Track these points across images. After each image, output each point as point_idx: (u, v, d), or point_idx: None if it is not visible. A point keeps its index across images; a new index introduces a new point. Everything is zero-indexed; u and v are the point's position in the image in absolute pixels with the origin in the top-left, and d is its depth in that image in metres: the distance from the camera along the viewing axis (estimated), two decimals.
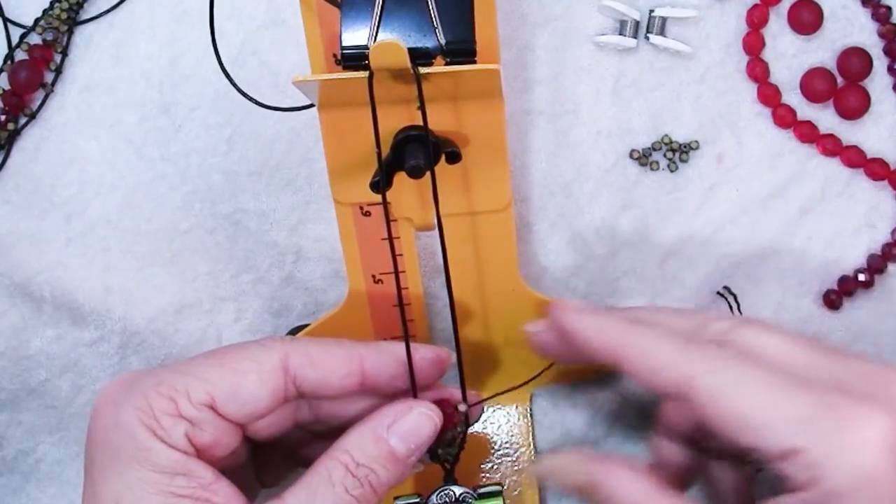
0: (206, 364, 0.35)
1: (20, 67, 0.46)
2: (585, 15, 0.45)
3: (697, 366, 0.33)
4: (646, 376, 0.35)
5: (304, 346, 0.36)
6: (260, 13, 0.45)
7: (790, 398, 0.32)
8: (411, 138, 0.36)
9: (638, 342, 0.35)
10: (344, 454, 0.36)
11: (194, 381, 0.34)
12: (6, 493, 0.49)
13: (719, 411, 0.33)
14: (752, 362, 0.33)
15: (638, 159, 0.46)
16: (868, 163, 0.46)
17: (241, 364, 0.34)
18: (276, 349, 0.35)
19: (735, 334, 0.35)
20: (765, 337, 0.35)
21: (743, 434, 0.32)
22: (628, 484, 0.35)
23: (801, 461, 0.31)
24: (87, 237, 0.46)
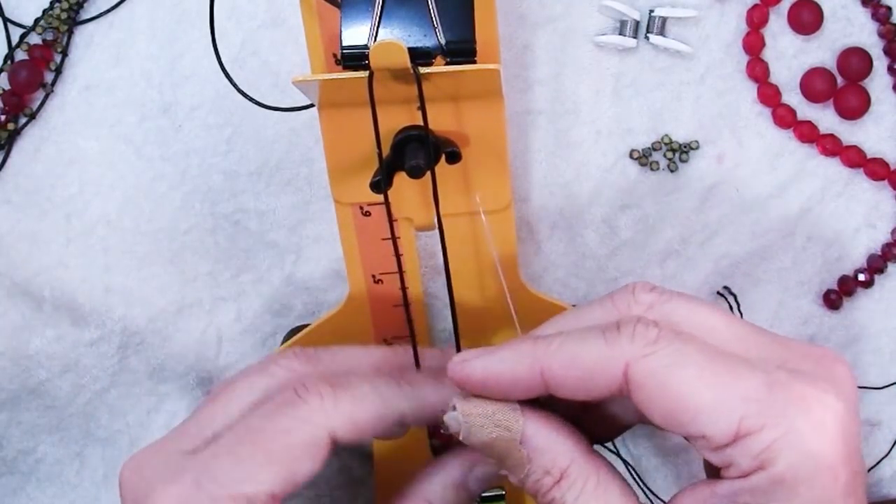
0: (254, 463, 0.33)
1: (20, 67, 0.46)
2: (585, 15, 0.45)
3: (627, 353, 0.30)
4: (577, 386, 0.31)
5: (348, 410, 0.34)
6: (260, 13, 0.45)
7: (737, 377, 0.29)
8: (411, 138, 0.36)
9: (555, 354, 0.31)
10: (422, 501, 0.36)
11: (252, 487, 0.32)
12: (6, 493, 0.49)
13: (659, 397, 0.30)
14: (688, 341, 0.30)
15: (638, 159, 0.46)
16: (868, 163, 0.46)
17: (291, 452, 0.33)
18: (322, 426, 0.33)
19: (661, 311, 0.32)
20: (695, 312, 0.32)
21: (686, 420, 0.29)
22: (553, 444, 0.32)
23: (748, 445, 0.29)
24: (87, 237, 0.46)
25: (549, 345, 0.32)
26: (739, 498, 0.30)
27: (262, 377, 0.36)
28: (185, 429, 0.36)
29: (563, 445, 0.32)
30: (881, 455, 0.47)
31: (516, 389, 0.32)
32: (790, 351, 0.31)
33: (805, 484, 0.29)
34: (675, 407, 0.30)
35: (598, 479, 0.32)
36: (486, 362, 0.32)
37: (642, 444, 0.48)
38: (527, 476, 0.32)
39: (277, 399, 0.34)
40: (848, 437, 0.29)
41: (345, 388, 0.34)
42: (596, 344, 0.31)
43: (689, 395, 0.29)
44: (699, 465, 0.44)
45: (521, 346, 0.32)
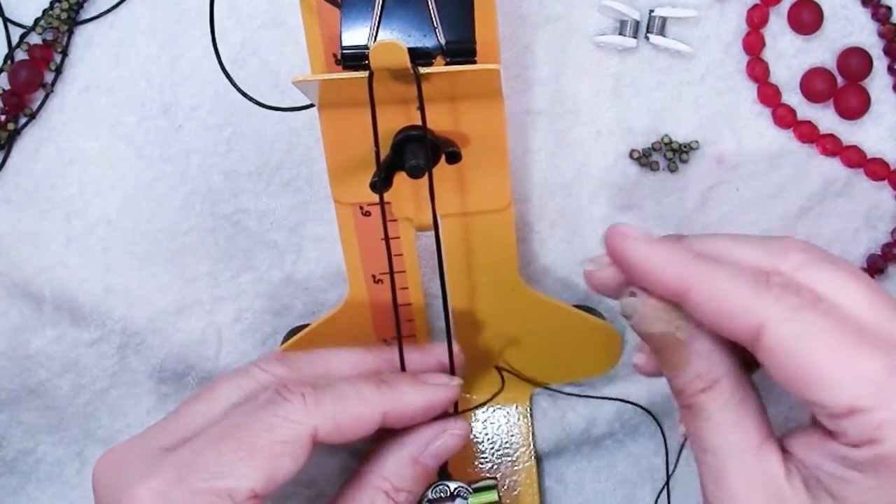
0: (236, 458, 0.33)
1: (20, 67, 0.46)
2: (585, 15, 0.45)
3: (769, 313, 0.31)
4: (713, 319, 0.33)
5: (330, 411, 0.35)
6: (260, 13, 0.45)
7: (862, 356, 0.31)
8: (411, 138, 0.36)
9: (706, 281, 0.32)
10: (384, 482, 0.37)
11: (234, 482, 0.33)
12: (6, 493, 0.49)
13: (787, 362, 0.31)
14: (826, 313, 0.31)
15: (638, 159, 0.46)
16: (868, 163, 0.46)
17: (273, 449, 0.34)
18: (304, 425, 0.34)
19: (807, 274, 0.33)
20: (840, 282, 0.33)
21: (808, 387, 0.31)
22: None
23: (862, 420, 0.30)
24: (87, 237, 0.46)
25: (703, 267, 0.33)
26: (846, 462, 0.31)
27: (245, 379, 0.37)
28: (164, 426, 0.36)
29: (723, 358, 0.34)
30: None
31: (656, 287, 0.34)
32: None
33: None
34: (799, 375, 0.31)
35: (743, 396, 0.34)
36: (648, 248, 0.34)
37: None
38: (679, 375, 0.34)
39: (260, 399, 0.35)
40: None
41: (326, 389, 0.35)
42: (744, 290, 0.32)
43: (814, 367, 0.31)
44: None
45: (680, 254, 0.33)
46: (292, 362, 0.38)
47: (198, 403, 0.37)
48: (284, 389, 0.35)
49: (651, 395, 0.47)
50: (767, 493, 0.33)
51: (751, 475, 0.33)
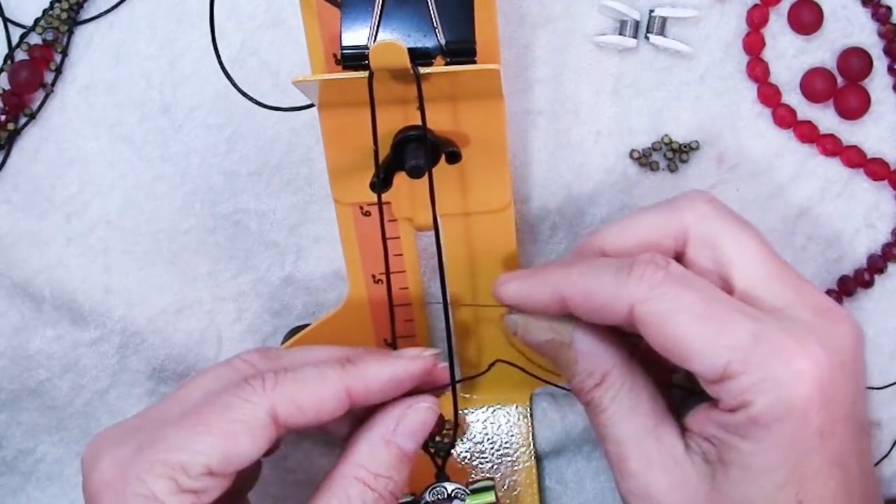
0: (193, 433, 0.34)
1: (20, 67, 0.46)
2: (585, 15, 0.45)
3: (634, 295, 0.33)
4: (594, 314, 0.35)
5: (289, 391, 0.35)
6: (260, 13, 0.45)
7: (727, 325, 0.32)
8: (411, 138, 0.36)
9: (575, 284, 0.35)
10: (359, 469, 0.36)
11: (188, 456, 0.33)
12: (6, 493, 0.49)
13: (659, 337, 0.33)
14: (689, 286, 0.33)
15: (638, 159, 0.46)
16: (868, 163, 0.46)
17: (230, 427, 0.34)
18: (261, 405, 0.34)
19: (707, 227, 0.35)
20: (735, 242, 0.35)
21: (681, 358, 0.33)
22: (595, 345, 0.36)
23: (732, 386, 0.32)
24: (87, 237, 0.46)
25: (569, 275, 0.35)
26: (727, 428, 0.33)
27: (225, 369, 0.37)
28: (146, 412, 0.37)
29: (607, 352, 0.36)
30: (881, 455, 0.47)
31: (544, 307, 0.36)
32: (801, 297, 0.34)
33: (777, 423, 0.32)
34: (670, 347, 0.33)
35: (633, 384, 0.36)
36: (517, 287, 0.37)
37: None
38: (573, 375, 0.37)
39: (228, 384, 0.36)
40: (827, 386, 0.32)
41: (286, 371, 0.36)
42: (608, 282, 0.34)
43: (682, 339, 0.33)
44: None
45: (547, 272, 0.36)
46: (273, 355, 0.38)
47: (179, 391, 0.37)
48: (250, 377, 0.36)
49: None
50: (668, 472, 0.34)
51: (651, 458, 0.35)
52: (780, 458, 0.32)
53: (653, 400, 0.36)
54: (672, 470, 0.34)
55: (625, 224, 0.37)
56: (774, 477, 0.32)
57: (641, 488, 0.35)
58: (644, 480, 0.35)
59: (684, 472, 0.34)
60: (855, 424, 0.33)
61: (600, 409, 0.36)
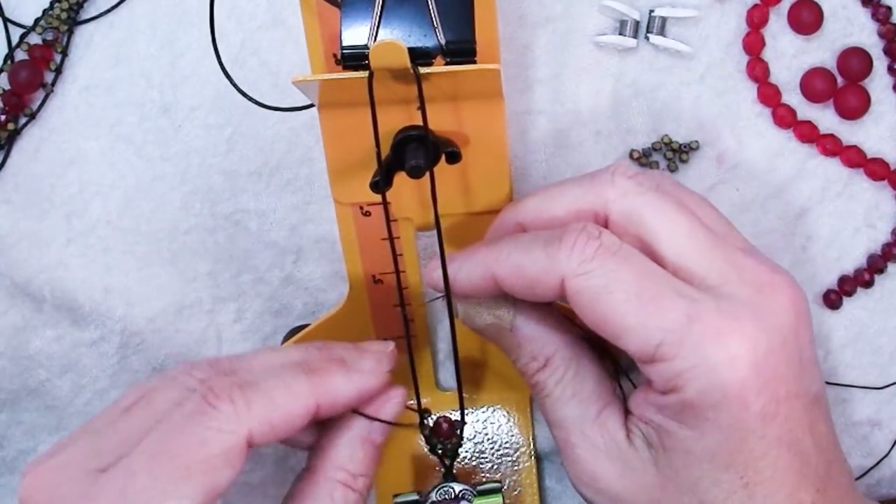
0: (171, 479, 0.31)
1: (20, 67, 0.46)
2: (585, 15, 0.45)
3: (564, 269, 0.32)
4: (525, 291, 0.34)
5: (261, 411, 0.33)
6: (260, 13, 0.45)
7: (659, 306, 0.31)
8: (411, 138, 0.36)
9: (503, 260, 0.34)
10: (339, 471, 0.35)
11: None
12: (6, 493, 0.49)
13: (589, 313, 0.32)
14: (622, 261, 0.32)
15: (638, 159, 0.46)
16: (868, 163, 0.46)
17: (209, 463, 0.32)
18: (237, 433, 0.33)
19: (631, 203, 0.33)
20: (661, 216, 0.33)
21: (613, 335, 0.32)
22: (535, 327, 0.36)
23: (664, 369, 0.31)
24: (87, 237, 0.46)
25: (498, 253, 0.34)
26: (663, 412, 0.32)
27: (173, 389, 0.35)
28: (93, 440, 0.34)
29: (550, 336, 0.36)
30: (881, 455, 0.47)
31: (478, 290, 0.35)
32: (738, 272, 0.32)
33: (712, 409, 0.31)
34: (602, 324, 0.32)
35: (578, 369, 0.35)
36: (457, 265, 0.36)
37: None
38: (517, 359, 0.36)
39: (187, 407, 0.33)
40: (765, 367, 0.31)
41: (253, 388, 0.34)
42: (537, 257, 0.33)
43: (614, 317, 0.32)
44: None
45: (476, 254, 0.35)
46: (224, 367, 0.36)
47: (127, 415, 0.34)
48: (211, 395, 0.33)
49: None
50: (611, 458, 0.34)
51: (593, 443, 0.34)
52: (720, 443, 0.31)
53: (598, 383, 0.35)
54: (617, 456, 0.34)
55: (542, 197, 0.36)
56: (717, 461, 0.31)
57: (589, 475, 0.34)
58: (591, 467, 0.34)
59: (629, 458, 0.33)
60: (804, 398, 0.32)
61: (545, 393, 0.36)
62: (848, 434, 0.47)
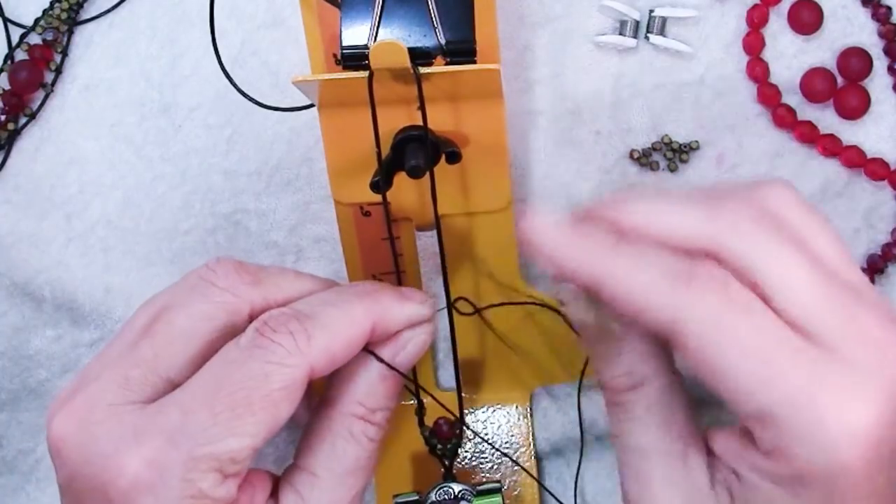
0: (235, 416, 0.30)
1: (20, 67, 0.46)
2: (585, 15, 0.45)
3: (684, 308, 0.29)
4: (628, 311, 0.31)
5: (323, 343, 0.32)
6: (260, 13, 0.45)
7: (777, 368, 0.29)
8: (411, 138, 0.36)
9: (619, 271, 0.30)
10: (358, 406, 0.34)
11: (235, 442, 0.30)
12: (6, 493, 0.49)
13: (701, 364, 0.29)
14: (747, 312, 0.29)
15: (638, 159, 0.46)
16: (868, 163, 0.46)
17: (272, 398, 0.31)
18: (301, 367, 0.31)
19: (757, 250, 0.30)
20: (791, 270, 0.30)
21: (721, 387, 0.29)
22: None
23: (774, 433, 0.29)
24: (87, 237, 0.46)
25: (616, 258, 0.31)
26: (760, 472, 0.30)
27: (205, 304, 0.33)
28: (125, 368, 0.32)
29: (653, 355, 0.33)
30: None
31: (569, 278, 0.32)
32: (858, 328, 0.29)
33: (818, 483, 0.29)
34: (711, 377, 0.30)
35: (671, 399, 0.33)
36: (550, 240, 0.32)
37: None
38: (609, 371, 0.33)
39: (244, 342, 0.32)
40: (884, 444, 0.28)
41: (313, 320, 0.32)
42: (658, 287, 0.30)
43: (728, 374, 0.29)
44: None
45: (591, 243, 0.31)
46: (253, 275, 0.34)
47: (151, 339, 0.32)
48: (269, 330, 0.32)
49: None
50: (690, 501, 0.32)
51: (674, 481, 0.32)
52: None
53: (687, 420, 0.33)
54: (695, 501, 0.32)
55: (652, 208, 0.32)
56: None
57: None
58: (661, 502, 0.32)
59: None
60: None
61: (630, 414, 0.33)
62: None
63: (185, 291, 0.34)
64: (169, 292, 0.34)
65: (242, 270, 0.34)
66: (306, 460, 0.34)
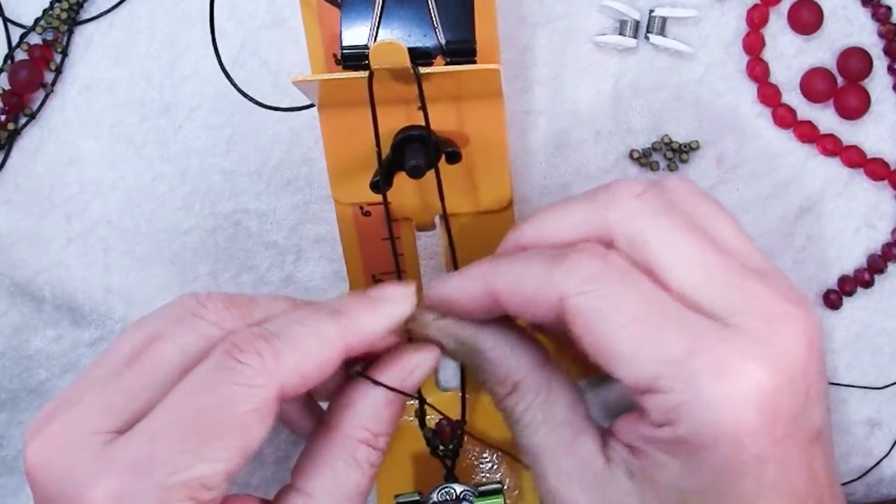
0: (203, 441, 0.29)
1: (20, 67, 0.46)
2: (585, 15, 0.45)
3: (563, 288, 0.30)
4: (523, 310, 0.32)
5: (292, 362, 0.31)
6: (260, 13, 0.45)
7: (660, 337, 0.29)
8: (411, 138, 0.36)
9: (504, 276, 0.32)
10: (362, 431, 0.34)
11: (206, 468, 0.29)
12: (6, 493, 0.49)
13: (587, 336, 0.30)
14: (629, 284, 0.30)
15: (638, 159, 0.46)
16: (868, 163, 0.46)
17: (242, 421, 0.30)
18: (269, 387, 0.31)
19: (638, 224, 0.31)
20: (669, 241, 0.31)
21: (609, 362, 0.30)
22: None
23: (660, 401, 0.29)
24: (87, 237, 0.46)
25: (497, 268, 0.33)
26: (654, 443, 0.30)
27: (189, 334, 0.32)
28: (100, 399, 0.31)
29: (518, 360, 0.34)
30: (881, 455, 0.47)
31: (477, 308, 0.34)
32: (749, 302, 0.30)
33: (706, 449, 0.29)
34: (598, 349, 0.30)
35: (549, 394, 0.33)
36: (445, 287, 0.34)
37: None
38: (485, 384, 0.35)
39: (211, 364, 0.31)
40: (768, 408, 0.29)
41: (282, 339, 0.31)
42: (538, 273, 0.31)
43: (611, 342, 0.30)
44: None
45: (476, 269, 0.34)
46: (238, 306, 0.33)
47: (136, 365, 0.32)
48: (236, 350, 0.31)
49: None
50: (586, 487, 0.32)
51: (568, 473, 0.32)
52: (712, 483, 0.29)
53: (571, 409, 0.33)
54: (593, 485, 0.32)
55: (543, 219, 0.34)
56: (706, 500, 0.29)
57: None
58: (563, 497, 0.32)
59: (607, 488, 0.31)
60: (805, 435, 0.30)
61: (513, 419, 0.34)
62: (848, 434, 0.47)
63: (174, 322, 0.33)
64: (157, 320, 0.33)
65: (231, 305, 0.33)
66: (305, 483, 0.33)
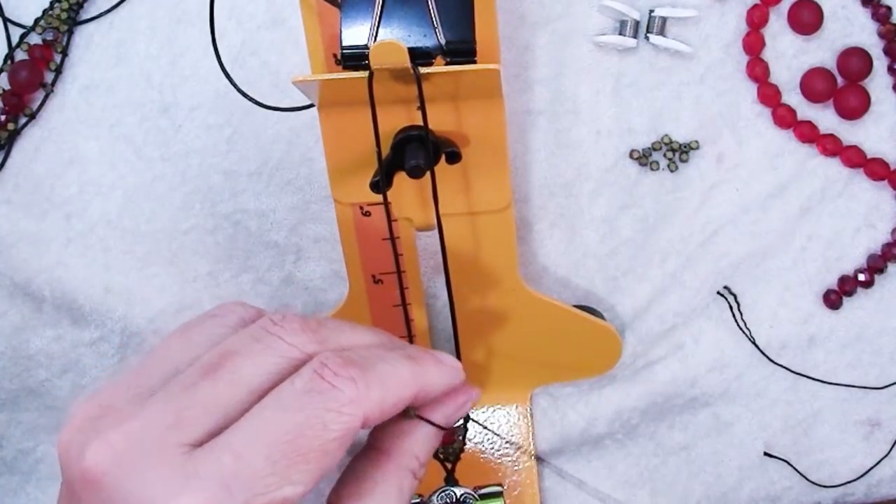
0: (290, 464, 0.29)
1: (20, 67, 0.46)
2: (585, 15, 0.45)
3: None
4: None
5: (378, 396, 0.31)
6: (260, 13, 0.45)
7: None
8: (411, 138, 0.36)
9: None
10: (413, 460, 0.34)
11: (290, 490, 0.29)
12: (6, 493, 0.49)
13: None
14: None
15: (638, 159, 0.46)
16: (868, 163, 0.46)
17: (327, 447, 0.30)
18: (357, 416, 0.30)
19: None
20: None
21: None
22: None
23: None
24: (87, 237, 0.46)
25: None
26: None
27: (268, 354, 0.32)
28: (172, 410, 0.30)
29: None
30: (881, 455, 0.47)
31: None
32: None
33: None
34: None
35: None
36: None
37: None
38: None
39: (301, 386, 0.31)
40: None
41: (371, 371, 0.31)
42: None
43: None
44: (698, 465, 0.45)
45: None
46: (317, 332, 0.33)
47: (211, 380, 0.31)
48: (328, 373, 0.31)
49: (652, 396, 0.47)
50: None
51: None
52: None
53: None
54: None
55: None
56: None
57: None
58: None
59: None
60: None
61: None
62: (848, 434, 0.47)
63: (250, 340, 0.32)
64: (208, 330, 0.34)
65: (307, 328, 0.33)
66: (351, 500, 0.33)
